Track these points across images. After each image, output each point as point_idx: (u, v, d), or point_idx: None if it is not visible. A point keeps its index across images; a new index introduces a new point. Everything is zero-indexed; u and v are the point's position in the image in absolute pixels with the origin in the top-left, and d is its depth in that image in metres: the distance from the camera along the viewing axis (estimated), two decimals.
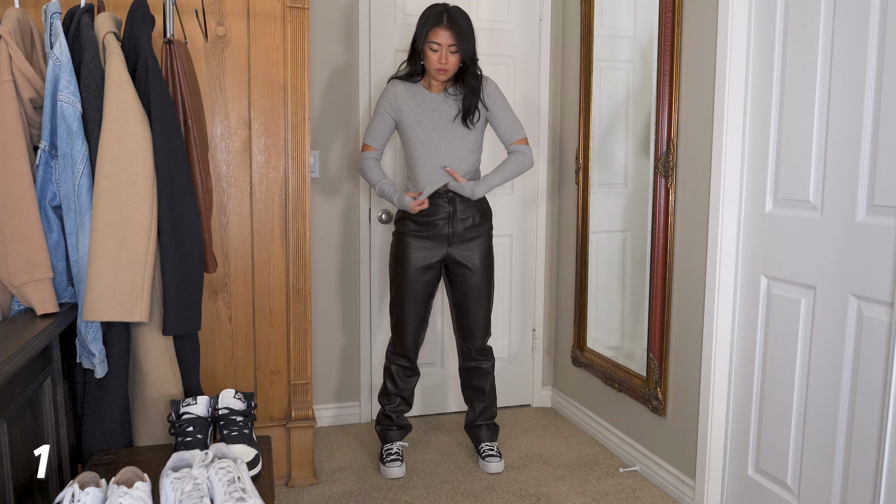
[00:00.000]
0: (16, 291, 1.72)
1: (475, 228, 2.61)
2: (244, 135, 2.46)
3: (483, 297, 2.66)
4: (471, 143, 2.57)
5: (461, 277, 2.64)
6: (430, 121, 2.53)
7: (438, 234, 2.58)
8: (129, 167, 1.74)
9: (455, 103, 2.55)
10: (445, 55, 2.43)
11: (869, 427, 1.82)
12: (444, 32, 2.41)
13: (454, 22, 2.41)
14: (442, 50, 2.42)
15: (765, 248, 2.17)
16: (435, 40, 2.42)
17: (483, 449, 2.77)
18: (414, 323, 2.64)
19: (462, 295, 2.65)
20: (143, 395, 1.92)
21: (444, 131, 2.53)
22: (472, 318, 2.67)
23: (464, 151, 2.55)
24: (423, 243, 2.59)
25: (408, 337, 2.66)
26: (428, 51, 2.45)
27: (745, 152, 2.22)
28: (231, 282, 2.49)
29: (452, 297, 2.70)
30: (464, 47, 2.43)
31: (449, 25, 2.41)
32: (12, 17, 1.74)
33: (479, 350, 2.72)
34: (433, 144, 2.53)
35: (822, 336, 1.96)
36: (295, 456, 2.57)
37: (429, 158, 2.53)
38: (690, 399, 2.43)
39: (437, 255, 2.60)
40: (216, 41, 2.40)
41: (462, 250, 2.61)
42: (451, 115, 2.54)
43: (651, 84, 2.63)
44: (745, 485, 2.28)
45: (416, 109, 2.54)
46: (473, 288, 2.64)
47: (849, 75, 1.84)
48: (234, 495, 1.42)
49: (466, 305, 2.66)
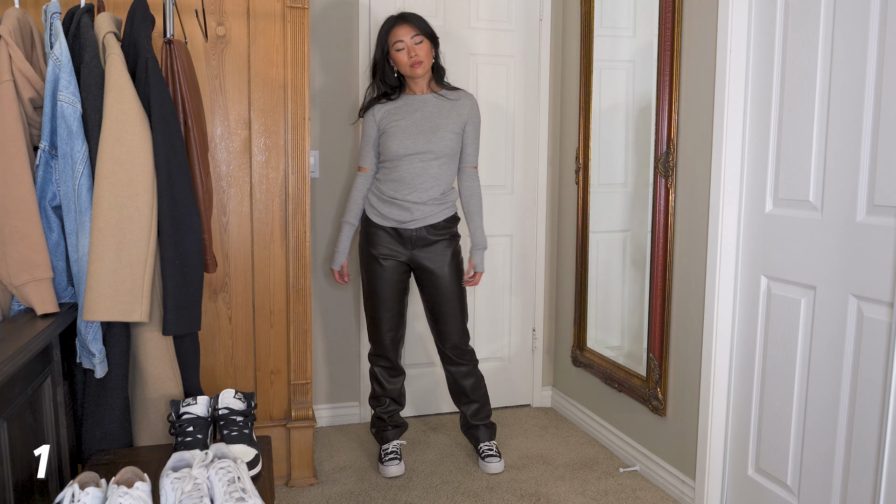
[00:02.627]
0: (16, 291, 1.72)
1: (436, 232, 2.58)
2: (244, 135, 2.46)
3: (453, 299, 2.63)
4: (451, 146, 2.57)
5: (429, 282, 2.62)
6: (411, 119, 2.54)
7: (403, 234, 2.57)
8: (129, 167, 1.74)
9: (443, 101, 2.57)
10: (412, 47, 2.49)
11: (869, 427, 1.82)
12: (402, 28, 2.50)
13: (407, 17, 2.52)
14: (407, 44, 2.49)
15: (765, 248, 2.17)
16: (397, 39, 2.49)
17: (482, 449, 2.76)
18: (388, 321, 2.63)
19: (432, 298, 2.64)
20: (143, 395, 1.92)
21: (426, 129, 2.53)
22: (444, 321, 2.64)
23: (442, 149, 2.54)
24: (388, 241, 2.58)
25: (384, 335, 2.65)
26: (395, 54, 2.50)
27: (745, 152, 2.22)
28: (231, 282, 2.49)
29: (424, 301, 2.69)
30: (424, 29, 2.51)
31: (404, 21, 2.51)
32: (12, 17, 1.74)
33: (457, 351, 2.68)
34: (411, 139, 2.52)
35: (822, 336, 1.96)
36: (295, 456, 2.57)
37: (406, 154, 2.52)
38: (690, 399, 2.43)
39: (402, 256, 2.60)
40: (216, 41, 2.40)
41: (426, 254, 2.59)
42: (436, 113, 2.55)
43: (651, 84, 2.63)
44: (745, 485, 2.29)
45: (396, 110, 2.56)
46: (442, 291, 2.61)
47: (849, 75, 1.84)
48: (234, 495, 1.42)
49: (438, 309, 2.64)
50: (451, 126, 2.56)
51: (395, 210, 2.55)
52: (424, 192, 2.54)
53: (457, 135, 2.58)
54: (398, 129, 2.53)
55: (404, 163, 2.53)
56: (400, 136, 2.52)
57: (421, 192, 2.53)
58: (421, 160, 2.53)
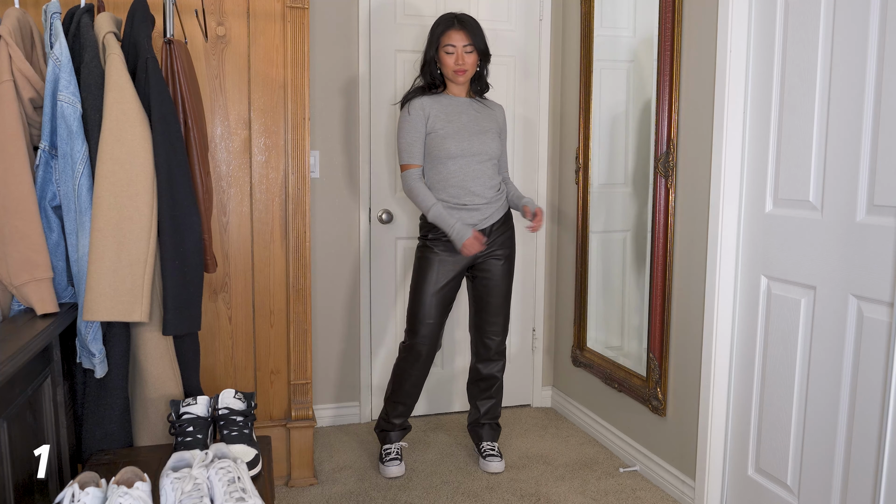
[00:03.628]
0: (16, 291, 1.72)
1: (501, 244, 2.65)
2: (244, 135, 2.46)
3: (503, 294, 2.68)
4: (497, 149, 2.63)
5: (483, 280, 2.67)
6: (461, 122, 2.57)
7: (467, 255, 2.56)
8: (128, 167, 1.74)
9: (481, 107, 2.63)
10: (462, 55, 2.50)
11: (869, 427, 1.82)
12: (457, 34, 2.49)
13: (465, 23, 2.51)
14: (457, 51, 2.50)
15: (765, 248, 2.17)
16: (450, 42, 2.50)
17: (484, 448, 2.77)
18: (432, 326, 2.59)
19: (483, 291, 2.68)
20: (144, 395, 1.92)
21: (476, 131, 2.57)
22: (492, 313, 2.69)
23: (493, 151, 2.60)
24: (447, 263, 2.58)
25: (423, 338, 2.58)
26: (444, 55, 2.52)
27: (745, 152, 2.22)
28: (231, 282, 2.49)
29: (473, 295, 2.73)
30: (478, 43, 2.52)
31: (461, 27, 2.50)
32: (12, 17, 1.74)
33: (497, 350, 2.73)
34: (467, 140, 2.55)
35: (822, 336, 1.96)
36: (295, 456, 2.57)
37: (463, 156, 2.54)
38: (690, 399, 2.43)
39: (462, 267, 2.61)
40: (216, 41, 2.40)
41: (486, 260, 2.64)
42: (479, 117, 2.60)
43: (651, 84, 2.63)
44: (745, 485, 2.28)
45: (445, 111, 2.57)
46: (494, 287, 2.66)
47: (849, 75, 1.84)
48: (234, 495, 1.42)
49: (489, 301, 2.68)
50: (493, 130, 2.62)
51: (464, 214, 2.55)
52: (488, 190, 2.58)
53: (499, 139, 2.64)
54: (452, 130, 2.55)
55: (460, 164, 2.54)
56: (457, 137, 2.54)
57: (486, 191, 2.57)
58: (478, 161, 2.56)
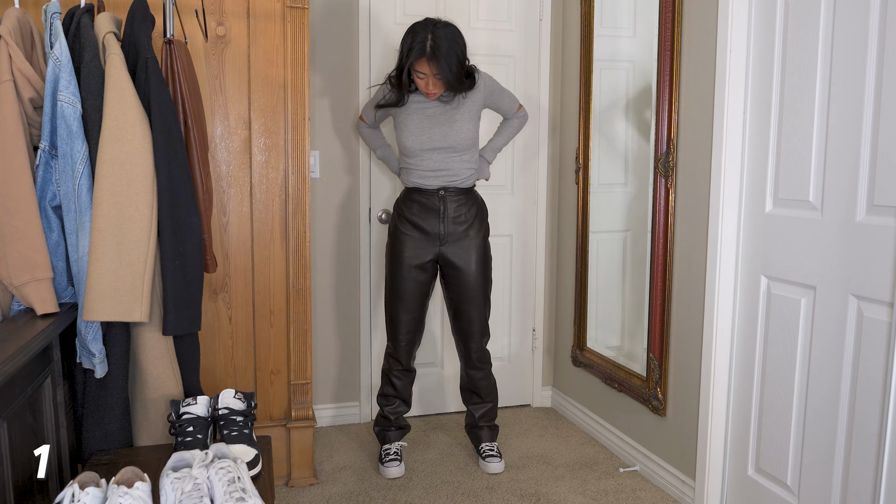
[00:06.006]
0: (16, 291, 1.72)
1: (468, 227, 2.60)
2: (244, 135, 2.46)
3: (478, 297, 2.64)
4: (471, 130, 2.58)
5: (455, 279, 2.62)
6: (427, 105, 2.55)
7: (430, 232, 2.58)
8: (129, 167, 1.74)
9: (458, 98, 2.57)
10: (432, 82, 2.45)
11: (869, 427, 1.82)
12: (427, 63, 2.39)
13: (436, 55, 2.37)
14: (427, 78, 2.44)
15: (765, 248, 2.17)
16: (420, 70, 2.43)
17: (483, 449, 2.77)
18: (407, 323, 2.63)
19: (457, 296, 2.64)
20: (144, 395, 1.92)
21: (441, 112, 2.54)
22: (468, 319, 2.65)
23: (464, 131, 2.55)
24: (415, 242, 2.59)
25: (400, 337, 2.65)
26: (415, 76, 2.46)
27: (745, 152, 2.22)
28: (231, 282, 2.49)
29: (448, 298, 2.69)
30: (445, 75, 2.40)
31: (431, 57, 2.38)
32: (12, 17, 1.74)
33: (479, 355, 2.71)
34: (432, 119, 2.54)
35: (822, 336, 1.96)
36: (295, 456, 2.57)
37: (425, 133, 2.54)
38: (690, 399, 2.43)
39: (430, 255, 2.60)
40: (216, 41, 2.40)
41: (455, 249, 2.59)
42: (447, 104, 2.55)
43: (651, 84, 2.63)
44: (745, 485, 2.29)
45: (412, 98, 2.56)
46: (468, 289, 2.62)
47: (849, 75, 1.84)
48: (234, 495, 1.42)
49: (462, 307, 2.64)
50: (466, 115, 2.55)
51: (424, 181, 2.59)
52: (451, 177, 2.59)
53: (473, 120, 2.57)
54: (410, 123, 2.54)
55: (423, 158, 2.56)
56: (414, 131, 2.53)
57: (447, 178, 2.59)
58: (442, 153, 2.56)
